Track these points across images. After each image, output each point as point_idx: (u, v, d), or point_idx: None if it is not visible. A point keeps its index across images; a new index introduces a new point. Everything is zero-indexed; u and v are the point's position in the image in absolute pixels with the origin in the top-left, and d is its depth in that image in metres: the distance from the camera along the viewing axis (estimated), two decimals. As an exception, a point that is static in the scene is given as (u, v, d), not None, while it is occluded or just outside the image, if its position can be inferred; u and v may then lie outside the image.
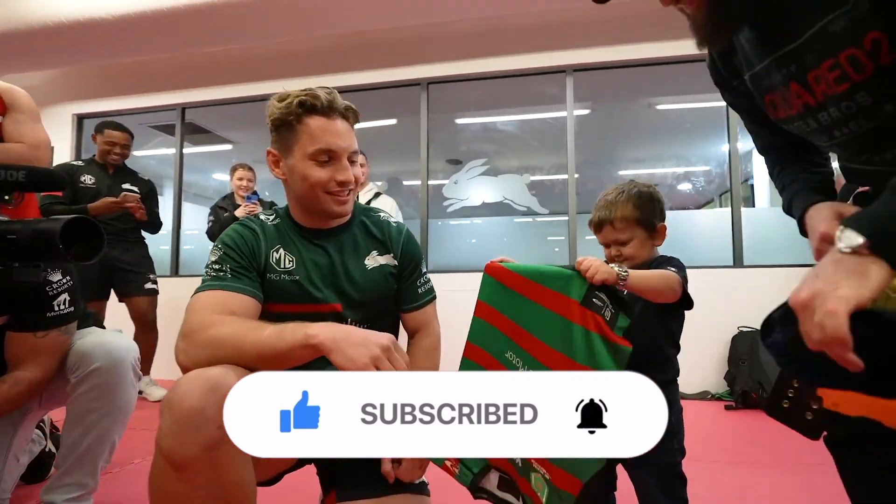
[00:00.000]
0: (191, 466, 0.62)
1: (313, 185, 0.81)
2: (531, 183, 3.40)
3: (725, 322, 2.60)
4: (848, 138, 0.60)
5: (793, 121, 0.65)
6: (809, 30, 0.56)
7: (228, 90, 3.54)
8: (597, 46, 3.00)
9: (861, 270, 0.41)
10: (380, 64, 3.25)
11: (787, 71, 0.61)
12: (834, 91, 0.56)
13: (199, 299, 0.77)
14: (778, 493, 1.35)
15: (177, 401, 0.62)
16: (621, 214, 0.89)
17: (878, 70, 0.52)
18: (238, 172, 2.88)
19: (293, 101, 0.79)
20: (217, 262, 0.81)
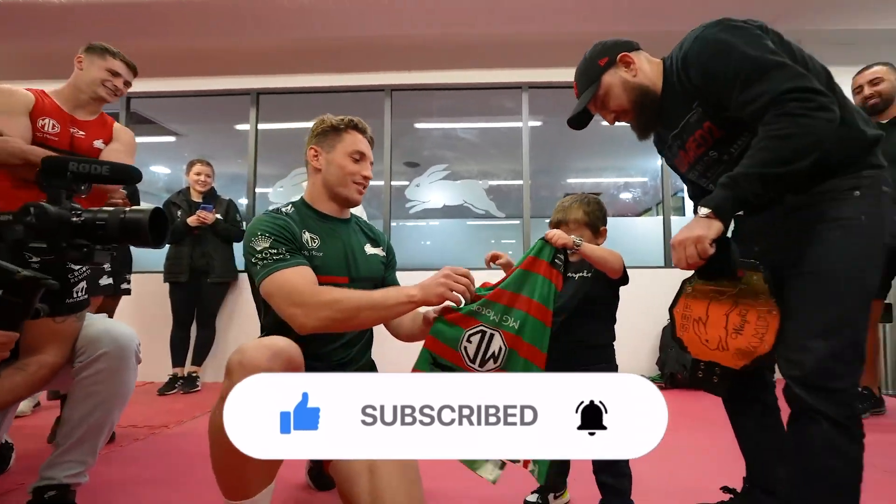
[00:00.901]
0: None
1: (347, 173, 1.14)
2: (489, 188, 3.73)
3: (656, 315, 3.02)
4: (714, 180, 1.01)
5: (688, 172, 1.10)
6: (681, 122, 1.01)
7: (178, 83, 3.51)
8: (550, 67, 3.40)
9: (709, 224, 0.84)
10: (345, 68, 3.42)
11: (678, 143, 1.06)
12: (697, 153, 1.02)
13: (281, 278, 0.96)
14: (698, 451, 1.72)
15: (249, 362, 0.81)
16: (574, 217, 1.18)
17: (715, 140, 0.97)
18: (196, 167, 2.87)
19: (346, 118, 1.17)
20: (272, 248, 1.00)
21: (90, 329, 1.13)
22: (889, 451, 1.63)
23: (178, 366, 2.83)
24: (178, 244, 2.80)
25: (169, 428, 2.01)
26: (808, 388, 0.82)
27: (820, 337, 0.81)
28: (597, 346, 1.16)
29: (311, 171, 1.18)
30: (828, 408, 0.80)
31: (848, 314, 0.82)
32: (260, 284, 0.99)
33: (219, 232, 2.85)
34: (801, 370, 0.82)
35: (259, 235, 1.01)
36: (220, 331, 3.07)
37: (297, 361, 0.88)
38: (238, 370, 0.81)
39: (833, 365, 0.80)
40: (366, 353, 1.21)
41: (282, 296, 0.96)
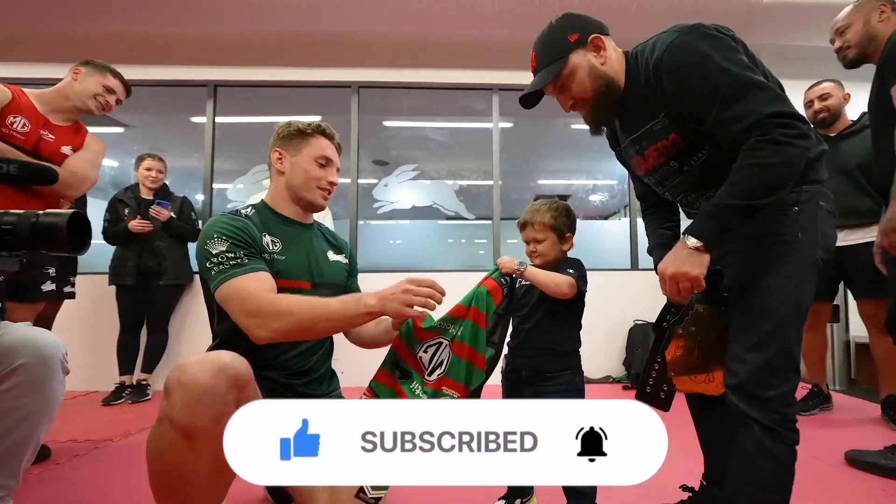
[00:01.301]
0: (201, 435, 0.76)
1: (311, 178, 1.12)
2: (459, 189, 3.74)
3: (623, 316, 3.13)
4: (670, 188, 1.05)
5: (644, 177, 1.09)
6: (643, 127, 0.99)
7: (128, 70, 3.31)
8: (521, 70, 3.44)
9: (701, 259, 0.85)
10: (311, 62, 3.34)
11: (636, 148, 1.04)
12: (658, 162, 1.01)
13: (237, 284, 0.93)
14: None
15: (189, 381, 0.76)
16: (540, 220, 1.22)
17: (678, 151, 0.96)
18: (146, 162, 2.72)
19: (314, 124, 1.15)
20: (228, 251, 0.96)
21: (6, 339, 1.02)
22: (835, 444, 1.74)
23: (126, 373, 2.67)
24: (126, 245, 2.65)
25: (114, 441, 1.89)
26: (742, 396, 0.88)
27: (754, 349, 0.88)
28: (562, 354, 1.18)
29: (274, 174, 1.16)
30: (760, 414, 0.86)
31: (780, 328, 0.88)
32: (215, 290, 0.95)
33: (173, 231, 2.71)
34: (736, 380, 0.89)
35: (215, 238, 0.97)
36: (174, 336, 2.93)
37: (243, 377, 0.84)
38: (177, 389, 0.77)
39: (764, 375, 0.87)
40: (326, 362, 1.19)
41: (238, 304, 0.92)
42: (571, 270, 1.16)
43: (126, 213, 2.66)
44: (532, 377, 1.19)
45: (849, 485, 1.44)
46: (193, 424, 0.76)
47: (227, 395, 0.79)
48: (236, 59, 3.33)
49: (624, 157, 1.15)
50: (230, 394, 0.80)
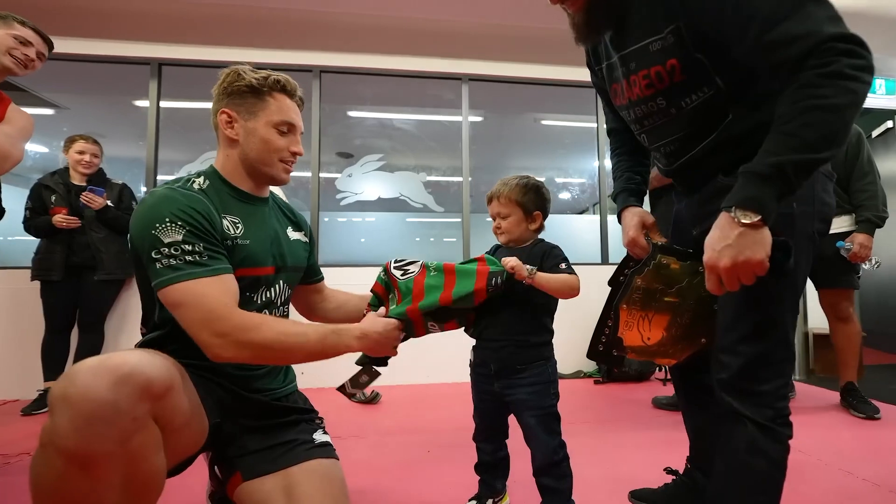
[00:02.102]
0: (102, 462, 0.61)
1: (272, 149, 0.95)
2: (427, 182, 3.68)
3: (594, 311, 3.14)
4: (649, 131, 0.93)
5: (622, 109, 0.97)
6: (639, 43, 0.83)
7: (63, 43, 3.06)
8: (492, 60, 3.43)
9: (760, 238, 0.67)
10: (268, 43, 3.19)
11: (623, 70, 0.89)
12: (644, 93, 0.86)
13: (197, 290, 0.78)
14: (630, 441, 1.79)
15: (78, 395, 0.60)
16: (506, 193, 1.16)
17: (671, 85, 0.82)
18: (77, 145, 2.48)
19: (270, 76, 0.95)
20: (186, 243, 0.80)
21: None
22: (797, 431, 1.80)
23: (53, 379, 2.43)
24: (53, 237, 2.42)
25: (31, 455, 1.70)
26: (733, 392, 0.82)
27: (750, 340, 0.80)
28: (535, 345, 1.12)
29: (223, 141, 0.96)
30: (752, 411, 0.80)
31: (779, 314, 0.81)
32: (161, 288, 0.79)
33: (108, 221, 2.49)
34: (728, 373, 0.82)
35: (167, 223, 0.79)
36: (111, 337, 2.70)
37: (160, 384, 0.67)
38: (61, 407, 0.60)
39: (760, 367, 0.80)
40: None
41: (196, 316, 0.78)
42: (563, 266, 1.10)
43: (53, 201, 2.42)
44: (502, 371, 1.13)
45: (814, 469, 1.49)
46: (89, 450, 0.60)
47: (136, 409, 0.64)
48: (184, 36, 3.12)
49: (603, 80, 0.99)
50: (140, 407, 0.64)
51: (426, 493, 1.37)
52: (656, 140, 0.94)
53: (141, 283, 0.91)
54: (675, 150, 0.91)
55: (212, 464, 0.98)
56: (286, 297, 1.04)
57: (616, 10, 0.85)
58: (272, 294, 0.98)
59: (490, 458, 1.20)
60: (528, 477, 1.12)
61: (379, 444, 1.78)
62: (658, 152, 0.97)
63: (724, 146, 0.84)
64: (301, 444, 0.93)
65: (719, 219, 0.70)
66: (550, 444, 1.08)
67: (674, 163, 0.93)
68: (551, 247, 1.16)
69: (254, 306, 0.94)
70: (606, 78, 0.99)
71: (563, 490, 1.08)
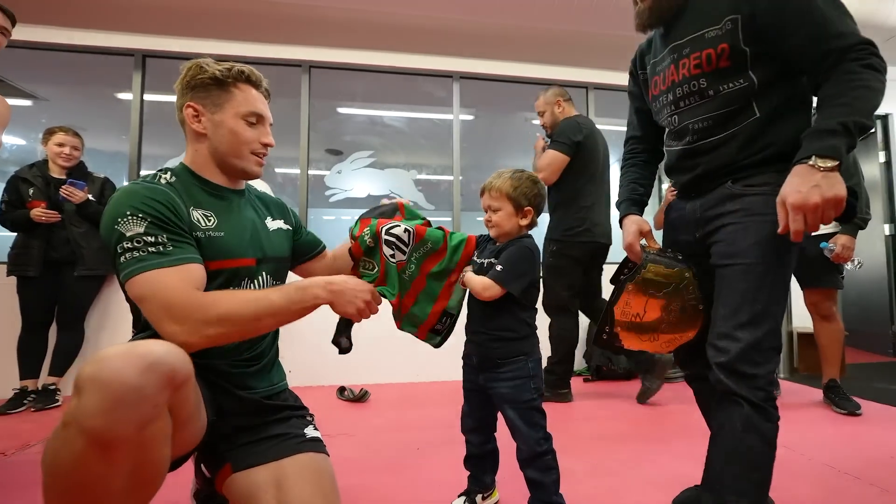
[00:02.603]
0: (120, 446, 0.63)
1: (242, 142, 0.95)
2: (417, 180, 3.67)
3: (583, 310, 3.21)
4: (684, 110, 1.04)
5: (661, 95, 1.08)
6: (695, 33, 0.98)
7: (37, 32, 2.99)
8: (483, 59, 3.44)
9: (839, 179, 0.79)
10: (257, 37, 3.15)
11: (672, 57, 1.03)
12: (691, 73, 0.99)
13: (156, 281, 0.77)
14: (618, 434, 1.81)
15: (108, 377, 0.61)
16: (498, 186, 1.15)
17: (716, 69, 0.95)
18: (57, 137, 2.42)
19: (234, 67, 0.94)
20: (148, 235, 0.78)
21: None
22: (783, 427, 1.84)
23: (30, 377, 2.38)
24: (30, 231, 2.36)
25: (7, 455, 1.66)
26: (731, 374, 0.91)
27: (746, 327, 0.91)
28: (512, 340, 1.13)
29: (191, 136, 0.95)
30: (748, 392, 0.90)
31: (771, 307, 0.92)
32: (125, 282, 0.78)
33: (89, 215, 2.44)
34: (726, 357, 0.92)
35: (129, 216, 0.78)
36: (91, 335, 2.65)
37: (181, 374, 0.69)
38: (91, 388, 0.61)
39: (754, 352, 0.90)
40: (273, 347, 1.07)
41: (157, 306, 0.77)
42: (499, 268, 1.09)
43: (31, 194, 2.36)
44: (483, 364, 1.15)
45: (798, 463, 1.52)
46: (112, 432, 0.61)
47: (159, 396, 0.65)
48: (170, 27, 3.07)
49: (639, 85, 1.16)
50: (162, 395, 0.66)
51: (416, 490, 1.37)
52: (688, 118, 1.04)
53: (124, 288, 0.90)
54: (703, 128, 1.01)
55: (198, 462, 0.97)
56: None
57: (681, 3, 1.02)
58: (256, 286, 0.97)
59: (478, 451, 1.21)
60: (517, 473, 1.13)
61: (368, 442, 1.77)
62: (682, 132, 1.06)
63: (742, 140, 0.97)
64: (292, 438, 0.93)
65: (796, 169, 0.82)
66: (533, 436, 1.09)
67: (696, 141, 1.03)
68: (517, 247, 1.14)
69: None
70: (649, 73, 1.13)
71: (548, 483, 1.09)
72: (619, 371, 2.85)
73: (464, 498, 1.22)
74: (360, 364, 2.83)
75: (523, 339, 1.14)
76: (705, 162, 1.03)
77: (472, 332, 1.17)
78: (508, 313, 1.12)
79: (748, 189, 0.96)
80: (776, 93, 0.95)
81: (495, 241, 1.20)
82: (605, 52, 3.53)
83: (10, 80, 3.50)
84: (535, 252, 1.15)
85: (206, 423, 0.85)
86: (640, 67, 1.19)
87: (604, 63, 3.56)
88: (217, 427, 0.89)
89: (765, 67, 0.93)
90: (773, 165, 0.94)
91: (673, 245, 1.15)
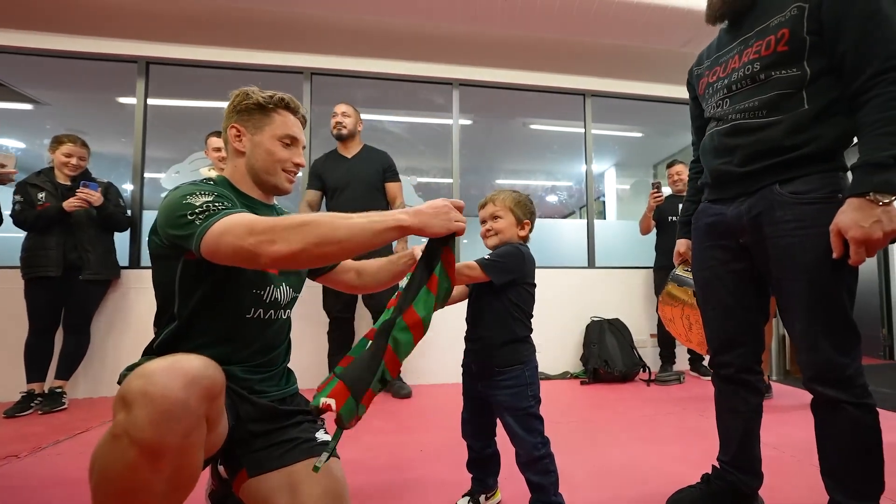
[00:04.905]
0: (167, 455, 0.69)
1: (276, 160, 1.04)
2: (417, 184, 3.72)
3: (580, 313, 3.25)
4: (735, 93, 1.08)
5: (717, 81, 1.13)
6: (762, 25, 1.03)
7: (40, 38, 3.02)
8: (482, 66, 3.50)
9: (895, 213, 0.83)
10: (260, 44, 3.20)
11: (739, 49, 1.08)
12: (750, 58, 1.03)
13: (235, 217, 0.82)
14: (613, 438, 1.86)
15: (157, 393, 0.68)
16: (502, 198, 1.26)
17: (773, 53, 0.99)
18: (65, 147, 2.47)
19: (275, 95, 1.05)
20: (216, 202, 0.86)
21: None
22: (774, 429, 1.90)
23: (36, 381, 2.41)
24: (45, 233, 2.40)
25: (19, 458, 1.69)
26: (825, 383, 0.96)
27: (826, 338, 0.95)
28: (508, 348, 1.17)
29: (232, 153, 1.06)
30: (848, 395, 0.95)
31: (844, 313, 0.95)
32: (203, 234, 0.81)
33: (108, 216, 2.50)
34: (816, 369, 0.97)
35: (196, 193, 0.87)
36: (97, 339, 2.69)
37: (217, 388, 0.76)
38: (141, 402, 0.67)
39: (841, 358, 0.94)
40: (286, 359, 1.12)
41: (241, 228, 0.79)
42: (488, 255, 1.17)
43: (41, 198, 2.40)
44: (482, 372, 1.19)
45: (787, 464, 1.58)
46: (161, 443, 0.68)
47: (200, 408, 0.73)
48: (173, 35, 3.12)
49: (709, 66, 1.17)
50: (203, 406, 0.73)
51: (419, 491, 1.41)
52: (739, 101, 1.07)
53: (160, 276, 0.95)
54: (749, 108, 1.04)
55: (215, 463, 1.01)
56: (290, 301, 1.08)
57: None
58: (279, 294, 1.03)
59: (478, 455, 1.26)
60: (519, 474, 1.16)
61: (372, 445, 1.81)
62: (728, 113, 1.09)
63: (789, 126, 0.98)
64: (304, 443, 0.97)
65: (854, 203, 0.86)
66: (530, 441, 1.13)
67: (739, 119, 1.06)
68: (511, 246, 1.21)
69: (262, 305, 0.99)
70: (709, 66, 1.18)
71: (547, 485, 1.13)
72: (616, 374, 2.90)
73: (468, 498, 1.26)
74: (362, 367, 2.87)
75: (519, 346, 1.18)
76: (747, 144, 1.04)
77: (470, 341, 1.22)
78: (503, 320, 1.17)
79: (797, 197, 0.97)
80: (827, 90, 0.96)
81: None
82: (602, 60, 3.60)
83: (12, 84, 3.54)
84: (525, 256, 1.20)
85: (227, 427, 0.89)
86: (696, 64, 1.25)
87: (600, 71, 3.63)
88: (234, 431, 0.93)
89: (820, 62, 0.95)
90: (816, 165, 0.97)
91: (709, 251, 1.18)
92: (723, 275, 1.16)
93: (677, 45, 3.41)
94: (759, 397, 1.19)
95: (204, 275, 0.91)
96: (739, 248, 1.11)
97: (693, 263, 1.26)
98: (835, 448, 0.99)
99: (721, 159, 1.11)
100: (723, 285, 1.16)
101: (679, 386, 2.85)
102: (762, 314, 1.17)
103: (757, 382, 1.18)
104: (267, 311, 1.01)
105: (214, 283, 0.92)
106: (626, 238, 3.68)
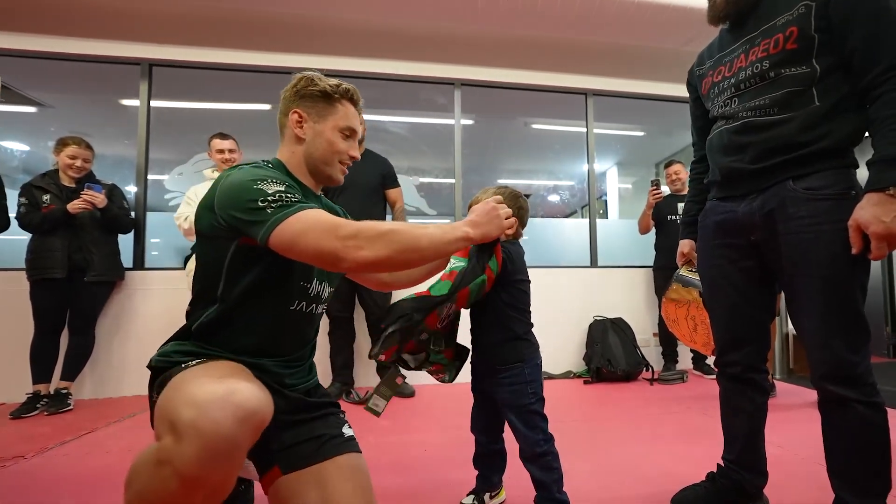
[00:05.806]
0: (209, 486, 0.68)
1: (334, 151, 1.03)
2: (420, 185, 3.73)
3: (583, 312, 3.25)
4: (743, 92, 1.07)
5: (723, 80, 1.13)
6: (767, 24, 1.03)
7: (43, 41, 3.03)
8: (483, 66, 3.49)
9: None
10: (262, 46, 3.21)
11: (745, 48, 1.08)
12: (758, 57, 1.03)
13: (313, 214, 0.83)
14: (616, 437, 1.86)
15: (208, 430, 0.64)
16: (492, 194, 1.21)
17: (782, 51, 0.99)
18: (69, 150, 2.48)
19: (342, 86, 1.04)
20: (288, 193, 0.85)
21: None
22: (778, 428, 1.90)
23: (42, 382, 2.42)
24: (50, 234, 2.41)
25: (26, 458, 1.71)
26: (836, 381, 0.96)
27: (837, 335, 0.94)
28: (505, 347, 1.17)
29: (290, 138, 1.04)
30: (857, 393, 0.94)
31: (857, 310, 0.94)
32: (277, 225, 0.81)
33: (113, 218, 2.51)
34: (826, 367, 0.96)
35: (267, 180, 0.86)
36: (103, 340, 2.70)
37: (268, 418, 0.74)
38: (192, 437, 0.64)
39: (852, 356, 0.94)
40: (312, 354, 1.12)
41: (325, 228, 0.81)
42: None
43: (46, 200, 2.42)
44: (485, 370, 1.21)
45: (791, 462, 1.58)
46: (206, 479, 0.66)
47: (248, 445, 0.71)
48: (175, 36, 3.13)
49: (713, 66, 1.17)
50: (250, 443, 0.71)
51: (423, 490, 1.41)
52: (748, 99, 1.07)
53: (207, 255, 0.93)
54: (759, 106, 1.04)
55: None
56: (327, 296, 1.08)
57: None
58: (320, 288, 1.03)
59: (485, 450, 1.27)
60: (524, 474, 1.17)
61: (375, 445, 1.82)
62: (737, 111, 1.09)
63: (801, 122, 0.98)
64: (333, 439, 0.97)
65: (872, 198, 0.86)
66: (532, 437, 1.14)
67: (749, 117, 1.06)
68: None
69: (306, 298, 0.99)
70: (711, 66, 1.18)
71: (550, 482, 1.14)
72: (619, 373, 2.90)
73: (472, 496, 1.27)
74: (364, 367, 2.88)
75: (517, 345, 1.18)
76: (758, 141, 1.04)
77: (473, 340, 1.23)
78: (500, 320, 1.18)
79: (812, 193, 0.97)
80: (837, 86, 0.96)
81: None
82: (604, 60, 3.60)
83: (16, 87, 3.55)
84: (511, 255, 1.17)
85: None
86: (697, 64, 1.25)
87: (602, 70, 3.63)
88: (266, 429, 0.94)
89: (829, 59, 0.95)
90: (829, 161, 0.97)
91: (717, 248, 1.17)
92: (731, 273, 1.15)
93: (679, 43, 3.40)
94: (764, 396, 1.19)
95: (255, 261, 0.90)
96: (749, 245, 1.10)
97: (700, 262, 1.26)
98: (843, 446, 0.99)
99: (731, 157, 1.10)
100: (730, 283, 1.15)
101: (682, 385, 2.85)
102: (768, 313, 1.17)
103: (763, 381, 1.18)
104: (309, 305, 1.01)
105: (265, 270, 0.91)
106: (628, 237, 3.67)
